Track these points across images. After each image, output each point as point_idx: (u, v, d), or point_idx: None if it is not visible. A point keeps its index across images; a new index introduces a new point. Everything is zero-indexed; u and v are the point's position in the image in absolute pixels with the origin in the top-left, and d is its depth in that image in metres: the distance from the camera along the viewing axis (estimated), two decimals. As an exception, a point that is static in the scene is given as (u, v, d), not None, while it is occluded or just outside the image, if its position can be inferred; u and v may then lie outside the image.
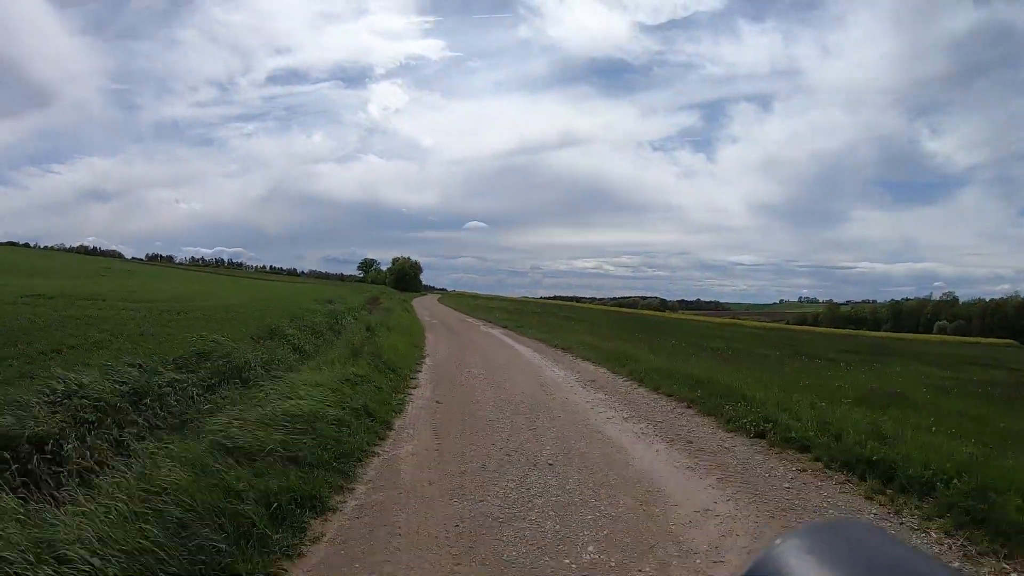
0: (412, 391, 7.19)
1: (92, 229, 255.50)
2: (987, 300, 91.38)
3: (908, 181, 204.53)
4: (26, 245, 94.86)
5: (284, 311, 14.66)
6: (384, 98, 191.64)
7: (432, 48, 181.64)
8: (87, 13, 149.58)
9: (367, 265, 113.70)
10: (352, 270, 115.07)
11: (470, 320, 23.56)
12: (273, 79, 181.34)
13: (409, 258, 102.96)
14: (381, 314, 19.00)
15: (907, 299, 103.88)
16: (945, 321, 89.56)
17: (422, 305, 39.24)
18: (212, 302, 17.57)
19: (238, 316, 12.69)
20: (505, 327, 19.67)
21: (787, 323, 76.45)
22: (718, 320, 65.85)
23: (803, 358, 14.39)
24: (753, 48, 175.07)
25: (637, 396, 7.36)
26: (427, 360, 10.28)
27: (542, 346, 13.50)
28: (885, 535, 0.46)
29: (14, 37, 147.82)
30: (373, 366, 7.43)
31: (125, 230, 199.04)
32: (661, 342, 16.26)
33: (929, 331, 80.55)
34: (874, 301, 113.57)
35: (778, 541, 0.45)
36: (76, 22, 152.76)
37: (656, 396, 7.29)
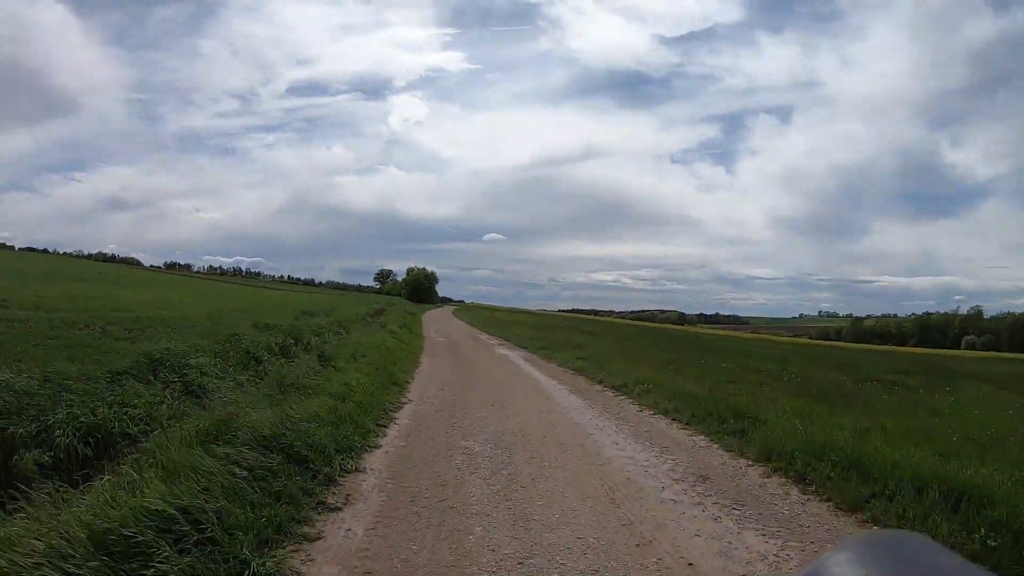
0: (322, 524, 3.21)
1: (113, 237, 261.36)
2: (1016, 314, 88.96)
3: (929, 193, 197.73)
4: (44, 251, 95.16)
5: (240, 326, 11.03)
6: (404, 110, 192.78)
7: (452, 60, 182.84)
8: (110, 24, 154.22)
9: (384, 276, 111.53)
10: (370, 281, 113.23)
11: (483, 338, 19.70)
12: (294, 90, 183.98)
13: (424, 268, 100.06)
14: (370, 330, 15.21)
15: (928, 313, 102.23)
16: (973, 336, 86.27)
17: (432, 319, 35.53)
18: (157, 313, 14.11)
19: (168, 332, 9.14)
20: (526, 349, 15.70)
21: (810, 338, 74.24)
22: (749, 336, 62.05)
23: (870, 383, 11.36)
24: (772, 59, 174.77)
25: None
26: (403, 413, 6.36)
27: (584, 384, 9.47)
28: (938, 548, 0.45)
29: (38, 47, 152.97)
30: (257, 447, 3.51)
31: (146, 239, 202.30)
32: (715, 366, 12.99)
33: (957, 346, 77.00)
34: (895, 315, 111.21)
35: (830, 552, 0.44)
36: (99, 33, 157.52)
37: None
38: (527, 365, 12.01)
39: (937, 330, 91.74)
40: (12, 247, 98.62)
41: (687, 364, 12.81)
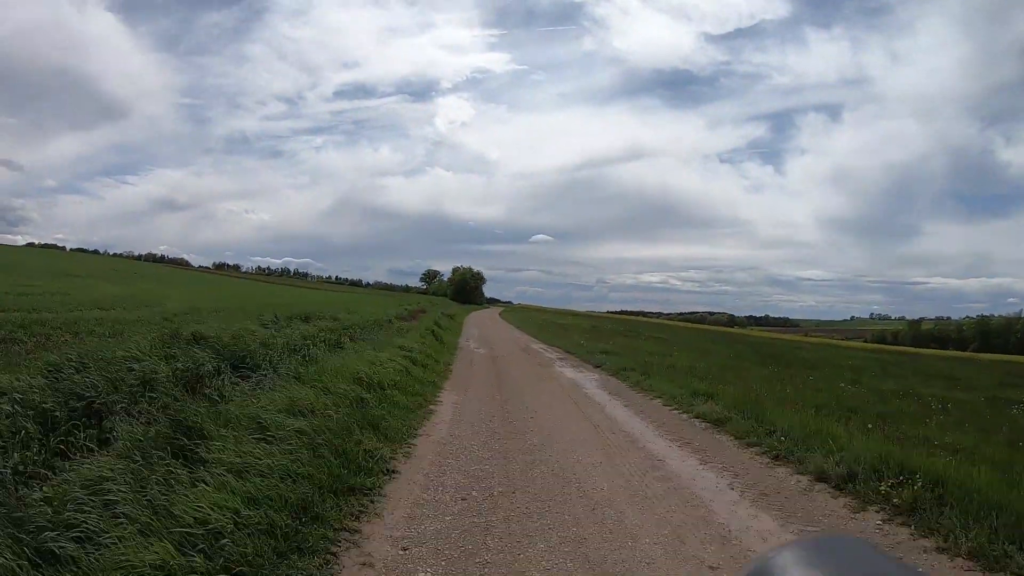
0: None
1: (164, 238, 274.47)
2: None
3: (982, 192, 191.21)
4: (95, 251, 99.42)
5: (185, 331, 7.02)
6: (450, 111, 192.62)
7: (497, 61, 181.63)
8: (158, 31, 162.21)
9: (430, 276, 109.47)
10: (417, 282, 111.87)
11: (537, 349, 15.04)
12: (341, 93, 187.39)
13: (471, 268, 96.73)
14: (384, 340, 10.87)
15: (986, 316, 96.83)
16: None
17: (477, 321, 31.17)
18: (105, 314, 10.50)
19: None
20: (600, 368, 10.88)
21: (865, 341, 72.34)
22: (837, 342, 55.72)
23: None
24: (821, 56, 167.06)
25: None
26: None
27: (781, 478, 4.49)
28: (876, 551, 0.46)
29: (89, 55, 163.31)
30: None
31: (196, 240, 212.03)
32: (834, 386, 10.63)
33: (1022, 352, 72.55)
34: (948, 318, 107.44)
35: (770, 555, 0.45)
36: (148, 40, 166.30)
37: None
38: (622, 407, 7.11)
39: (998, 334, 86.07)
40: (64, 248, 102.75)
41: (811, 387, 9.87)
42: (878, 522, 3.51)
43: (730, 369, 14.61)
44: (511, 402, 7.06)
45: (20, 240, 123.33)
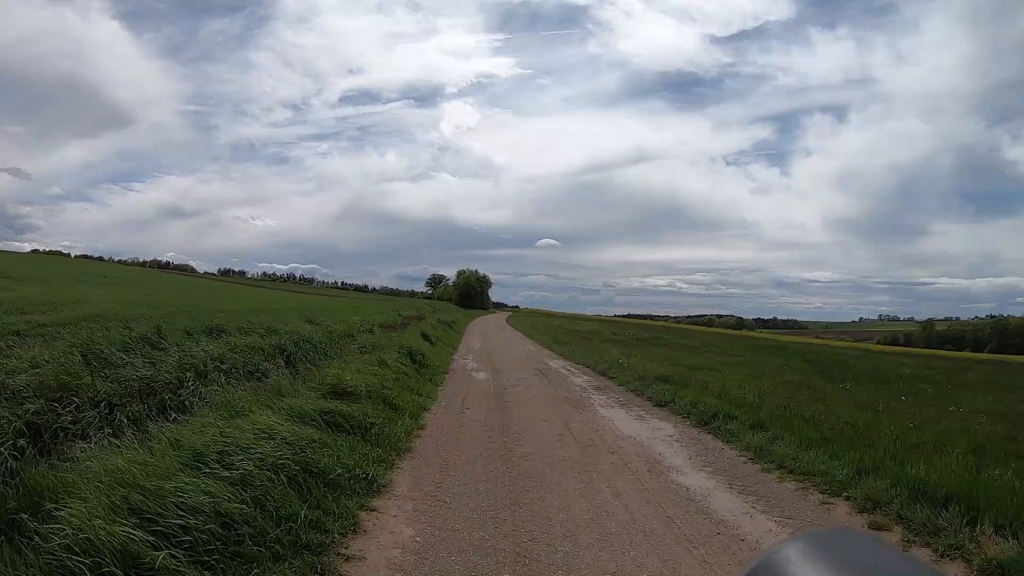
0: None
1: (171, 245, 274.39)
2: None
3: (989, 191, 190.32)
4: (99, 258, 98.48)
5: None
6: (456, 116, 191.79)
7: (502, 66, 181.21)
8: (162, 39, 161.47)
9: (435, 281, 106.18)
10: (423, 287, 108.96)
11: (556, 366, 11.19)
12: (346, 99, 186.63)
13: (476, 271, 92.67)
14: (355, 362, 7.10)
15: (992, 316, 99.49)
16: (1058, 340, 79.87)
17: (481, 329, 27.36)
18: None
19: None
20: (664, 405, 7.07)
21: (877, 342, 72.47)
22: (860, 345, 52.16)
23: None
24: (826, 57, 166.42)
25: None
26: None
27: None
28: (879, 544, 0.46)
29: (93, 63, 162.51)
30: None
31: (203, 246, 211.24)
32: (921, 411, 8.34)
33: None
34: (956, 318, 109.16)
35: (774, 549, 0.45)
36: (152, 47, 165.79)
37: None
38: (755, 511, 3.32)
39: (1016, 334, 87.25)
40: (68, 254, 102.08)
41: (918, 414, 7.87)
42: None
43: (804, 388, 11.11)
44: (536, 529, 3.26)
45: (26, 247, 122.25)
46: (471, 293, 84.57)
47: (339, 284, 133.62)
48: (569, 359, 13.05)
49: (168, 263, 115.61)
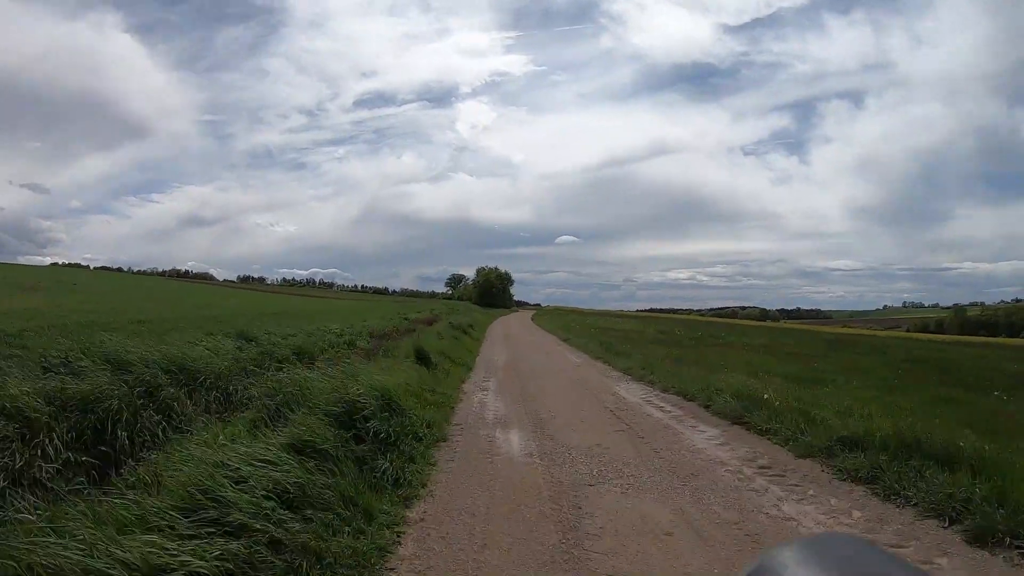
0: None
1: (192, 255, 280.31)
2: None
3: (1011, 173, 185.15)
4: (118, 269, 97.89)
5: None
6: (472, 116, 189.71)
7: (516, 63, 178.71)
8: (177, 50, 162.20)
9: (455, 281, 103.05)
10: (443, 287, 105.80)
11: (635, 397, 6.68)
12: (361, 103, 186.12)
13: (496, 268, 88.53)
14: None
15: (1018, 300, 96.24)
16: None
17: (504, 333, 22.94)
18: None
19: None
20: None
21: (907, 331, 68.54)
22: (925, 337, 46.35)
23: None
24: (842, 42, 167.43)
25: None
26: None
27: None
28: (875, 549, 0.46)
29: (109, 77, 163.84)
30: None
31: (224, 254, 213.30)
32: None
33: None
34: (982, 303, 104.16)
35: (769, 554, 0.45)
36: (167, 59, 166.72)
37: None
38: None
39: None
40: (87, 266, 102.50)
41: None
42: None
43: (958, 406, 7.07)
44: None
45: (47, 261, 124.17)
46: (492, 291, 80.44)
47: (359, 288, 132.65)
48: (637, 377, 8.58)
49: (187, 272, 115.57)
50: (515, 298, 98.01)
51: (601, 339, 16.32)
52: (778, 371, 11.76)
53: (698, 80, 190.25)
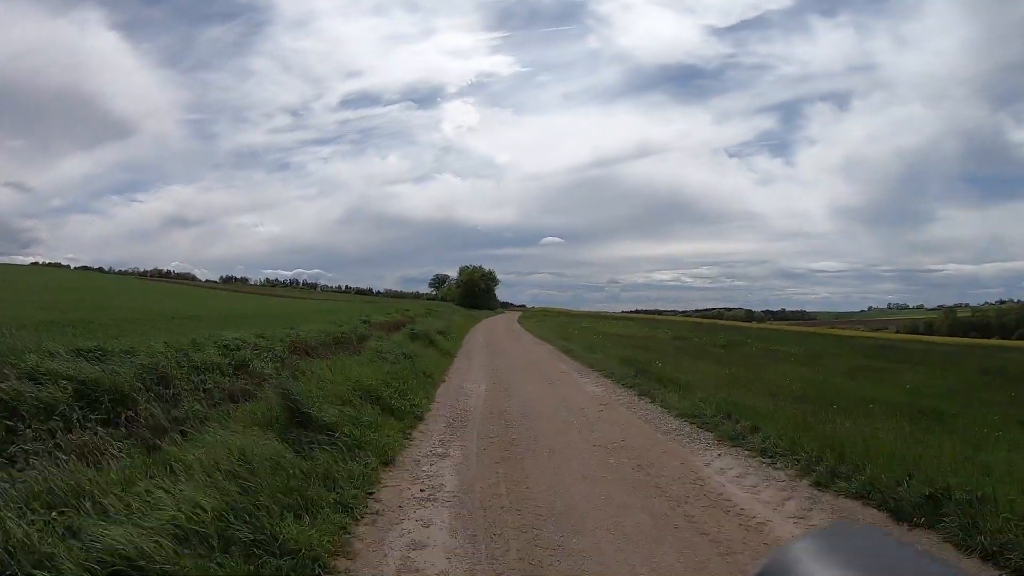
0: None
1: (176, 255, 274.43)
2: None
3: (995, 175, 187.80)
4: (99, 269, 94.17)
5: None
6: (457, 117, 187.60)
7: (501, 64, 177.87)
8: (160, 48, 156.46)
9: (439, 281, 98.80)
10: (427, 288, 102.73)
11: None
12: (346, 103, 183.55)
13: (480, 267, 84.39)
14: None
15: (1001, 301, 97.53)
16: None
17: (488, 341, 18.95)
18: None
19: None
20: None
21: (895, 332, 69.00)
22: (940, 340, 44.01)
23: None
24: (827, 44, 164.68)
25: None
26: None
27: None
28: (892, 540, 0.45)
29: (92, 74, 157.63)
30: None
31: (207, 255, 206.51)
32: None
33: None
34: (966, 304, 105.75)
35: (786, 546, 0.45)
36: (150, 57, 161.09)
37: None
38: None
39: None
40: (68, 266, 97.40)
41: None
42: None
43: None
44: None
45: (28, 261, 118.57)
46: (476, 291, 76.27)
47: (343, 288, 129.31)
48: (720, 434, 4.76)
49: (169, 272, 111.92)
50: (500, 300, 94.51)
51: (618, 352, 12.43)
52: (882, 398, 8.23)
53: (684, 81, 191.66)
